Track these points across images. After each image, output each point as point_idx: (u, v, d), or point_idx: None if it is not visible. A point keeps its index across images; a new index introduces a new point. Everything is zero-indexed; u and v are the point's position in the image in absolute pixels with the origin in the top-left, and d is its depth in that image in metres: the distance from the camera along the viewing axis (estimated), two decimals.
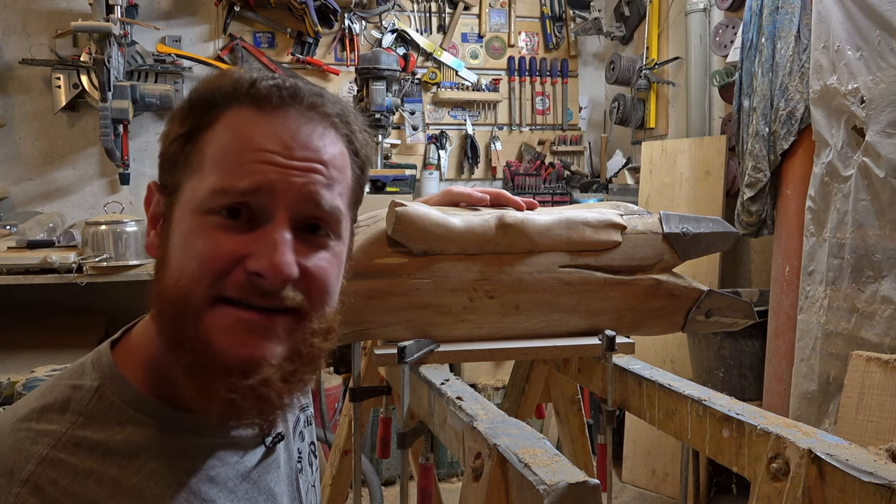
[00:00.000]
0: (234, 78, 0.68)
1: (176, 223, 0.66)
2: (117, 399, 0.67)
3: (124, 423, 0.66)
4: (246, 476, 0.73)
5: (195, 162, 0.66)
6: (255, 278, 0.63)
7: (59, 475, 0.62)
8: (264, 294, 0.64)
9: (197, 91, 0.69)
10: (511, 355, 1.16)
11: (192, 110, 0.68)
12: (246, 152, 0.64)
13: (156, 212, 0.70)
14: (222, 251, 0.63)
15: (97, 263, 2.75)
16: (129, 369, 0.69)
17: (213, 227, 0.64)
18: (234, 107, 0.67)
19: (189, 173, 0.66)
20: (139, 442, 0.66)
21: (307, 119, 0.67)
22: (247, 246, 0.63)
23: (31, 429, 0.64)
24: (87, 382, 0.68)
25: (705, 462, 2.95)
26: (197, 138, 0.67)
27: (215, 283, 0.63)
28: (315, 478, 0.90)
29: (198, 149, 0.66)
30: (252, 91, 0.66)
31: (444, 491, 1.90)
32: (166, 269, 0.66)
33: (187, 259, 0.64)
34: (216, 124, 0.66)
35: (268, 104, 0.66)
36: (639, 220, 1.20)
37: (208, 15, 3.78)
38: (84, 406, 0.66)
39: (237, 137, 0.65)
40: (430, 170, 3.98)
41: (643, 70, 3.69)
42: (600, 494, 0.69)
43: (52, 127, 3.61)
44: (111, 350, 0.71)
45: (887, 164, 2.10)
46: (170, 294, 0.64)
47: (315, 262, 0.66)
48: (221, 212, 0.64)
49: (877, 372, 1.87)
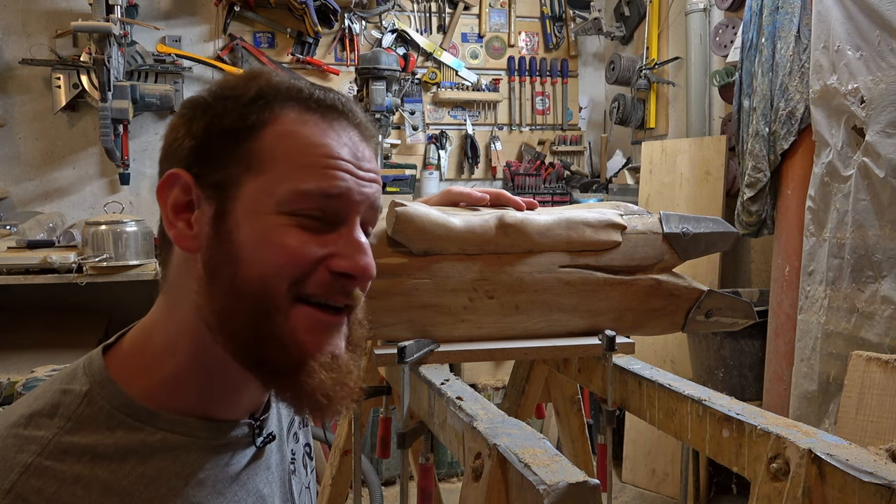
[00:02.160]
0: (283, 79, 0.69)
1: (241, 222, 0.66)
2: (106, 404, 0.67)
3: (114, 427, 0.66)
4: (235, 478, 0.72)
5: (258, 160, 0.66)
6: (342, 279, 0.67)
7: (45, 483, 0.61)
8: (345, 294, 0.68)
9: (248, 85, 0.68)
10: (511, 355, 1.16)
11: (248, 105, 0.67)
12: (329, 160, 0.67)
13: (181, 201, 0.68)
14: (309, 250, 0.66)
15: (97, 263, 2.75)
16: (121, 374, 0.69)
17: (297, 227, 0.66)
18: (294, 108, 0.68)
19: (252, 171, 0.66)
20: (128, 446, 0.65)
21: (359, 132, 0.71)
22: (328, 247, 0.67)
23: (18, 435, 0.64)
24: (77, 387, 0.67)
25: (705, 462, 2.95)
26: (255, 136, 0.67)
27: (300, 281, 0.66)
28: (310, 479, 0.89)
29: (259, 147, 0.66)
30: (314, 98, 0.69)
31: (444, 491, 1.90)
32: (240, 266, 0.65)
33: (270, 256, 0.65)
34: (276, 123, 0.67)
35: (332, 113, 0.69)
36: (639, 220, 1.20)
37: (208, 15, 3.78)
38: (73, 411, 0.66)
39: (313, 143, 0.67)
40: (430, 170, 3.98)
41: (643, 70, 3.69)
42: (600, 494, 0.69)
43: (52, 127, 3.61)
44: (104, 355, 0.71)
45: (887, 164, 2.10)
46: (252, 290, 0.65)
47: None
48: (307, 214, 0.66)
49: (877, 372, 1.87)
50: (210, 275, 0.66)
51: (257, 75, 0.70)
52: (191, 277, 0.67)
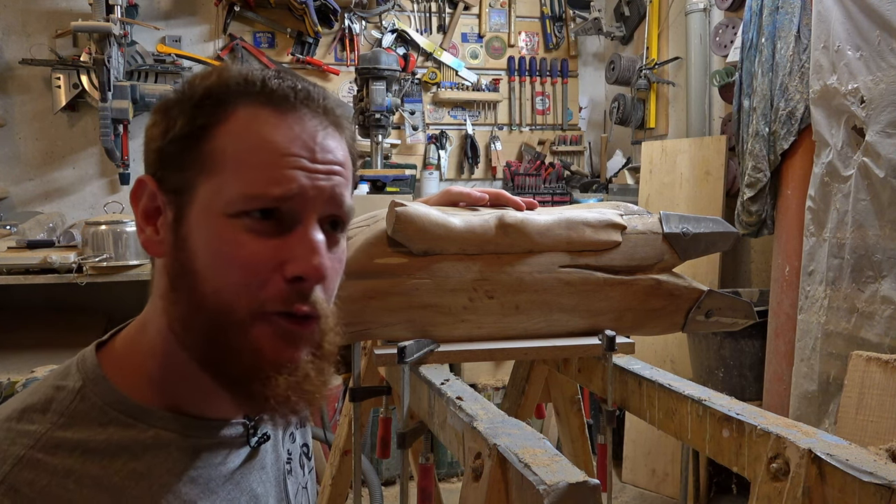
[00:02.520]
0: (241, 73, 0.67)
1: (196, 226, 0.65)
2: (99, 400, 0.67)
3: (106, 423, 0.66)
4: (229, 477, 0.72)
5: (211, 162, 0.65)
6: (295, 283, 0.65)
7: (37, 476, 0.61)
8: (302, 299, 0.65)
9: (202, 86, 0.67)
10: (511, 355, 1.16)
11: (199, 107, 0.66)
12: (274, 156, 0.64)
13: (149, 207, 0.68)
14: (260, 259, 0.64)
15: (97, 263, 2.75)
16: (114, 371, 0.69)
17: (246, 232, 0.64)
18: (246, 104, 0.66)
19: (205, 174, 0.65)
20: (120, 442, 0.65)
21: (321, 121, 0.68)
22: (282, 250, 0.65)
23: (11, 429, 0.64)
24: (70, 383, 0.68)
25: (705, 462, 2.95)
26: (208, 137, 0.65)
27: (256, 294, 0.64)
28: (307, 479, 0.89)
29: (211, 148, 0.65)
30: (267, 89, 0.66)
31: (444, 491, 1.90)
32: (197, 278, 0.65)
33: (223, 268, 0.64)
34: (228, 122, 0.65)
35: (285, 104, 0.66)
36: (639, 220, 1.19)
37: (208, 15, 3.78)
38: (66, 406, 0.66)
39: (261, 140, 0.65)
40: (430, 170, 3.98)
41: (643, 70, 3.69)
42: (600, 494, 0.69)
43: (52, 127, 3.61)
44: (97, 352, 0.71)
45: (887, 164, 2.10)
46: (209, 306, 0.64)
47: (331, 262, 0.68)
48: (254, 214, 0.64)
49: (877, 372, 1.87)
50: (171, 282, 0.67)
51: (210, 73, 0.68)
52: (163, 281, 0.68)
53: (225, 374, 0.66)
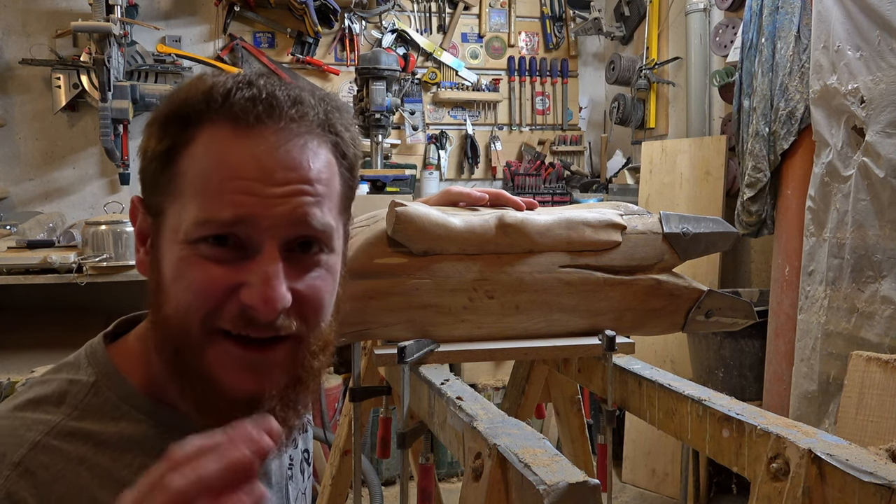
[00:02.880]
0: (206, 89, 0.64)
1: (164, 250, 0.65)
2: (112, 395, 0.68)
3: (118, 417, 0.67)
4: None
5: (176, 186, 0.64)
6: (249, 310, 0.62)
7: (52, 460, 0.62)
8: (258, 326, 0.62)
9: (170, 104, 0.65)
10: (511, 355, 1.16)
11: (167, 127, 0.65)
12: (225, 181, 0.61)
13: (143, 228, 0.69)
14: (215, 283, 0.62)
15: (97, 263, 2.75)
16: (126, 366, 0.70)
17: (202, 258, 0.62)
18: (209, 124, 0.63)
19: (171, 198, 0.64)
20: (132, 437, 0.66)
21: (287, 133, 0.63)
22: (238, 275, 0.62)
23: (25, 417, 0.65)
24: (84, 377, 0.69)
25: (705, 462, 2.95)
26: (175, 159, 0.64)
27: (211, 316, 0.62)
28: (306, 485, 0.90)
29: (177, 172, 0.64)
30: (227, 106, 0.63)
31: (444, 491, 1.90)
32: (162, 299, 0.65)
33: (181, 291, 0.63)
34: (193, 144, 0.63)
35: (244, 122, 0.62)
36: (639, 220, 1.19)
37: (208, 15, 3.78)
38: (80, 400, 0.67)
39: (216, 163, 0.62)
40: (430, 170, 3.98)
41: (643, 70, 3.69)
42: (600, 494, 0.69)
43: (52, 127, 3.61)
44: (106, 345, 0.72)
45: (887, 164, 2.10)
46: (169, 326, 0.64)
47: (308, 284, 0.65)
48: (208, 239, 0.62)
49: (877, 372, 1.87)
50: (150, 302, 0.67)
51: (181, 87, 0.66)
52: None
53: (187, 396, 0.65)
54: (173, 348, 0.64)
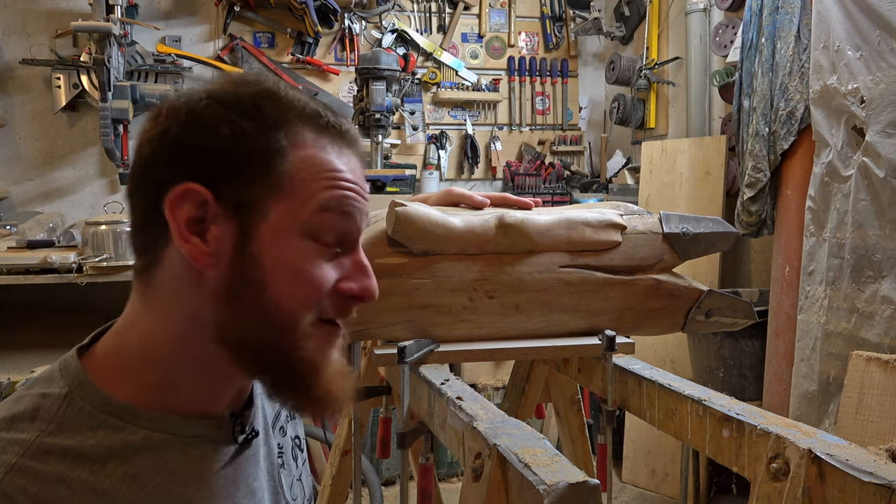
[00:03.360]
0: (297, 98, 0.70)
1: (265, 244, 0.66)
2: (87, 404, 0.67)
3: (95, 427, 0.66)
4: (222, 474, 0.73)
5: (286, 185, 0.66)
6: (350, 300, 0.71)
7: (29, 483, 0.61)
8: (349, 312, 0.73)
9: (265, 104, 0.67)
10: (511, 355, 1.16)
11: (272, 128, 0.66)
12: (342, 182, 0.70)
13: (196, 216, 0.65)
14: (326, 277, 0.69)
15: (97, 263, 2.75)
16: (99, 374, 0.69)
17: (317, 254, 0.68)
18: (309, 130, 0.69)
19: (278, 195, 0.66)
20: (111, 446, 0.65)
21: (355, 151, 0.74)
22: (339, 270, 0.71)
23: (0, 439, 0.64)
24: (56, 390, 0.67)
25: (705, 462, 2.95)
26: (279, 158, 0.66)
27: (318, 306, 0.69)
28: (301, 472, 0.90)
29: (285, 171, 0.66)
30: (323, 121, 0.70)
31: (444, 491, 1.90)
32: (265, 292, 0.66)
33: (297, 286, 0.67)
34: (300, 148, 0.68)
35: (343, 142, 0.72)
36: (639, 220, 1.19)
37: (208, 15, 3.78)
38: (54, 413, 0.66)
39: (331, 168, 0.69)
40: (430, 170, 3.98)
41: (643, 70, 3.69)
42: (600, 494, 0.69)
43: (52, 127, 3.61)
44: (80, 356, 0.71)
45: (887, 164, 2.10)
46: (277, 317, 0.67)
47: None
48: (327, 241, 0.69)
49: (877, 372, 1.87)
50: (231, 296, 0.66)
51: (274, 93, 0.68)
52: (193, 290, 0.67)
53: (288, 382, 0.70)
54: (278, 337, 0.68)
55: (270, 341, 0.68)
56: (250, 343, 0.68)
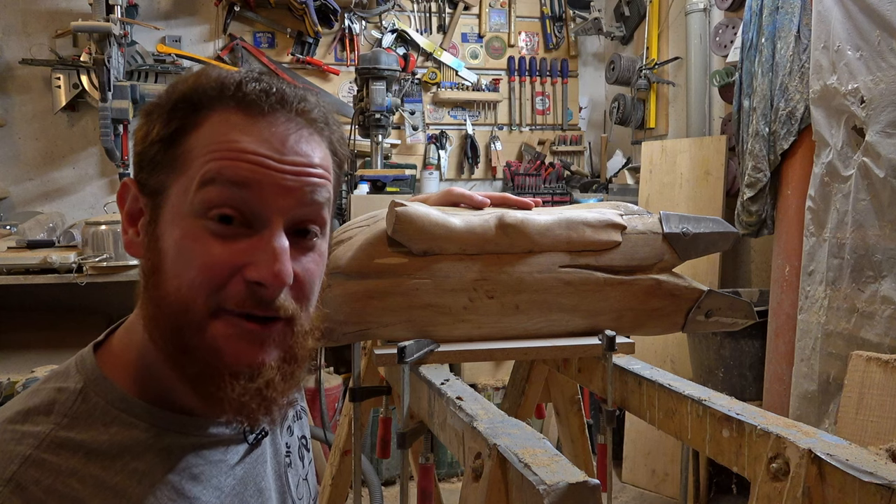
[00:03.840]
0: (217, 78, 0.68)
1: (166, 227, 0.66)
2: (101, 400, 0.67)
3: (109, 423, 0.66)
4: (232, 472, 0.73)
5: (181, 165, 0.66)
6: (255, 287, 0.64)
7: (43, 475, 0.62)
8: (262, 304, 0.65)
9: (178, 91, 0.68)
10: (511, 355, 1.16)
11: (174, 111, 0.67)
12: (236, 152, 0.64)
13: (133, 209, 0.70)
14: (220, 261, 0.64)
15: (97, 263, 2.75)
16: (113, 371, 0.70)
17: (208, 234, 0.64)
18: (219, 109, 0.66)
19: (175, 176, 0.66)
20: (123, 442, 0.66)
21: (295, 124, 0.68)
22: (243, 255, 0.64)
23: (15, 430, 0.65)
24: (72, 384, 0.68)
25: (705, 462, 2.95)
26: (181, 140, 0.66)
27: (215, 294, 0.64)
28: (307, 471, 0.90)
29: (183, 151, 0.66)
30: (239, 94, 0.66)
31: (444, 491, 1.90)
32: (162, 277, 0.65)
33: (184, 268, 0.64)
34: (201, 127, 0.66)
35: (256, 109, 0.66)
36: (639, 220, 1.19)
37: (208, 15, 3.78)
38: (68, 408, 0.66)
39: (228, 141, 0.65)
40: (430, 170, 3.98)
41: (643, 70, 3.69)
42: (600, 494, 0.69)
43: (52, 127, 3.61)
44: (94, 352, 0.72)
45: (887, 164, 2.10)
46: (170, 304, 0.65)
47: (304, 266, 0.68)
48: (215, 217, 0.64)
49: (877, 372, 1.87)
50: (144, 282, 0.68)
51: (188, 77, 0.69)
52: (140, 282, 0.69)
53: (185, 373, 0.66)
54: (175, 325, 0.65)
55: (171, 330, 0.65)
56: (153, 326, 0.66)
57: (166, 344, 0.66)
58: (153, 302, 0.66)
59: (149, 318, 0.67)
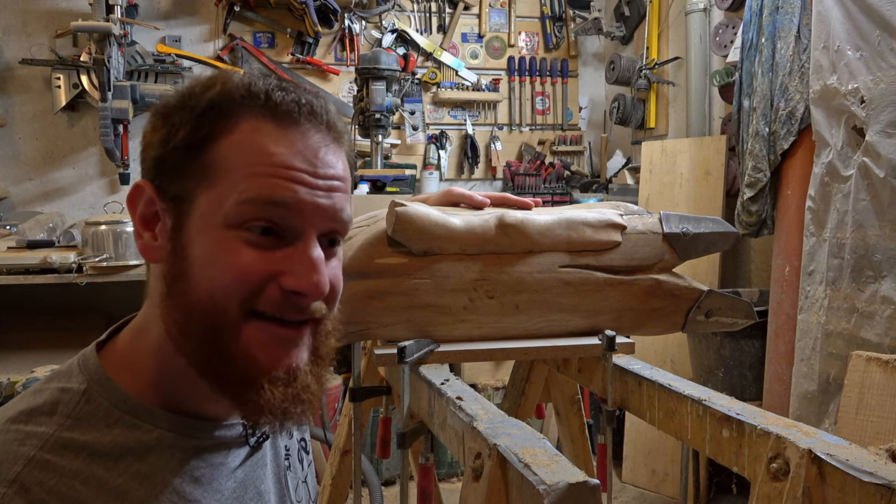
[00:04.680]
0: (244, 84, 0.67)
1: (195, 235, 0.65)
2: (104, 401, 0.67)
3: (112, 424, 0.66)
4: (232, 476, 0.73)
5: (212, 173, 0.65)
6: (293, 296, 0.66)
7: (46, 476, 0.62)
8: (298, 310, 0.67)
9: (204, 96, 0.67)
10: (511, 355, 1.16)
11: (202, 117, 0.66)
12: (275, 168, 0.65)
13: (148, 213, 0.69)
14: (256, 268, 0.65)
15: (97, 263, 2.75)
16: (117, 372, 0.70)
17: (243, 243, 0.65)
18: (249, 117, 0.66)
19: (205, 185, 0.65)
20: (125, 443, 0.66)
21: (322, 136, 0.68)
22: (279, 263, 0.66)
23: (19, 430, 0.65)
24: (75, 385, 0.68)
25: (705, 462, 2.95)
26: (210, 148, 0.65)
27: (249, 299, 0.65)
28: (306, 473, 0.90)
29: (214, 160, 0.65)
30: (271, 103, 0.66)
31: (444, 491, 1.90)
32: (191, 283, 0.65)
33: (218, 274, 0.64)
34: (231, 134, 0.65)
35: (289, 120, 0.67)
36: (639, 220, 1.19)
37: (208, 15, 3.78)
38: (72, 409, 0.66)
39: (263, 153, 0.65)
40: (430, 170, 3.98)
41: (643, 70, 3.69)
42: (600, 494, 0.69)
43: (52, 127, 3.61)
44: (98, 352, 0.72)
45: (887, 164, 2.10)
46: (202, 309, 0.65)
47: (333, 272, 0.70)
48: (253, 229, 0.65)
49: (877, 372, 1.86)
50: (168, 288, 0.67)
51: (213, 83, 0.68)
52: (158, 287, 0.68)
53: (220, 380, 0.66)
54: (208, 329, 0.65)
55: (203, 336, 0.65)
56: (181, 332, 0.66)
57: (198, 349, 0.66)
58: (181, 308, 0.66)
59: (175, 324, 0.66)
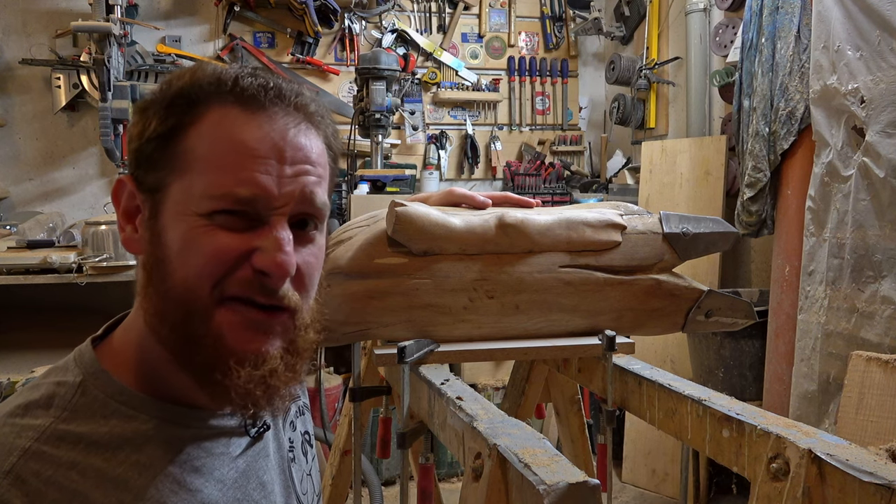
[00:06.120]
0: (214, 73, 0.68)
1: (169, 222, 0.67)
2: (100, 393, 0.68)
3: (108, 415, 0.67)
4: (234, 465, 0.73)
5: (182, 162, 0.66)
6: (260, 276, 0.66)
7: (43, 467, 0.62)
8: (266, 292, 0.67)
9: (174, 87, 0.68)
10: (511, 355, 1.16)
11: (171, 107, 0.67)
12: (242, 157, 0.65)
13: (130, 206, 0.70)
14: (228, 248, 0.65)
15: (97, 263, 2.75)
16: (112, 364, 0.70)
17: (215, 227, 0.65)
18: (217, 104, 0.67)
19: (176, 174, 0.66)
20: (123, 434, 0.66)
21: (293, 118, 0.69)
22: (249, 242, 0.66)
23: (15, 424, 0.65)
24: (71, 378, 0.69)
25: (705, 462, 2.95)
26: (180, 137, 0.66)
27: (222, 281, 0.66)
28: (311, 466, 0.90)
29: (183, 149, 0.66)
30: (237, 89, 0.67)
31: (444, 491, 1.90)
32: (167, 269, 0.66)
33: (192, 257, 0.65)
34: (200, 123, 0.66)
35: (255, 104, 0.67)
36: (639, 220, 1.19)
37: (208, 15, 3.78)
38: (68, 401, 0.67)
39: (230, 140, 0.66)
40: (430, 170, 3.98)
41: (643, 70, 3.69)
42: (600, 494, 0.69)
43: (52, 127, 3.61)
44: (94, 347, 0.72)
45: (887, 164, 2.10)
46: (176, 294, 0.65)
47: (304, 259, 0.70)
48: (221, 213, 0.65)
49: (877, 372, 1.86)
50: (146, 278, 0.68)
51: (184, 73, 0.69)
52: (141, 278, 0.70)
53: (191, 363, 0.67)
54: (181, 314, 0.65)
55: (177, 321, 0.66)
56: (163, 324, 0.67)
57: (171, 335, 0.66)
58: (158, 295, 0.67)
59: (153, 313, 0.67)
